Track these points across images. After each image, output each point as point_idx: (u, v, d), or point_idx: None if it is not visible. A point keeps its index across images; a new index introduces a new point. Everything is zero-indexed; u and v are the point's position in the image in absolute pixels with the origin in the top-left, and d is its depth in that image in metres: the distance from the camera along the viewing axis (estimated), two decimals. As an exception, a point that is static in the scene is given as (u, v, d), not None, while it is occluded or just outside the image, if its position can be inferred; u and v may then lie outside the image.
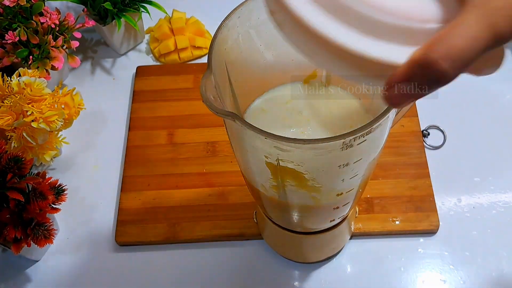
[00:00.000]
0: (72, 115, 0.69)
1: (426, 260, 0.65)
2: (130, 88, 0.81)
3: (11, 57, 0.72)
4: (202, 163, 0.72)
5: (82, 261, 0.67)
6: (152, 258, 0.67)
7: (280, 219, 0.56)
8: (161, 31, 0.83)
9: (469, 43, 0.23)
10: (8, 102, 0.65)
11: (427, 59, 0.23)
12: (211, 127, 0.75)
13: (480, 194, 0.69)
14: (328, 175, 0.40)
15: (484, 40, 0.23)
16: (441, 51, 0.23)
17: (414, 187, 0.68)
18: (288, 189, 0.43)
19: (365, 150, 0.38)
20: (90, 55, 0.86)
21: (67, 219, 0.70)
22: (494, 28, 0.23)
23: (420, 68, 0.24)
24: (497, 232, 0.66)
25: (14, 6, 0.70)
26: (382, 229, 0.66)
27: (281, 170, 0.39)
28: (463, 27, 0.23)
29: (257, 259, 0.66)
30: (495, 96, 0.77)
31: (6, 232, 0.57)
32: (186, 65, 0.83)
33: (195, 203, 0.69)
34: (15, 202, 0.58)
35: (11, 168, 0.58)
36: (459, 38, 0.23)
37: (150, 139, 0.75)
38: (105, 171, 0.74)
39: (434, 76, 0.24)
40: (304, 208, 0.49)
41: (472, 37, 0.23)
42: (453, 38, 0.23)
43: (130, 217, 0.69)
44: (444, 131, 0.74)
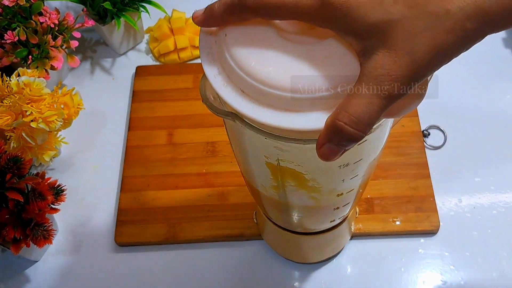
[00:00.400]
0: (71, 115, 0.69)
1: (427, 261, 0.65)
2: (129, 88, 0.81)
3: (11, 57, 0.72)
4: (201, 163, 0.72)
5: (81, 262, 0.67)
6: (151, 258, 0.67)
7: (280, 219, 0.56)
8: (160, 31, 0.83)
9: (365, 110, 0.27)
10: (7, 102, 0.65)
11: (335, 126, 0.28)
12: (210, 127, 0.75)
13: (480, 194, 0.69)
14: (328, 176, 0.40)
15: (377, 105, 0.27)
16: (344, 119, 0.27)
17: (414, 187, 0.68)
18: (288, 189, 0.43)
19: (366, 151, 0.38)
20: (90, 55, 0.86)
21: (67, 219, 0.69)
22: (382, 92, 0.27)
23: (334, 133, 0.28)
24: (497, 232, 0.66)
25: (13, 6, 0.70)
26: (383, 229, 0.66)
27: (281, 170, 0.39)
28: (357, 96, 0.27)
29: (257, 259, 0.66)
30: (496, 96, 0.77)
31: (5, 233, 0.57)
32: (186, 65, 0.83)
33: (195, 203, 0.69)
34: (14, 202, 0.57)
35: (10, 168, 0.58)
36: (356, 106, 0.27)
37: (149, 139, 0.75)
38: (104, 171, 0.74)
39: (346, 137, 0.28)
40: (304, 209, 0.49)
41: (366, 104, 0.27)
42: (352, 107, 0.27)
43: (129, 218, 0.69)
44: (445, 131, 0.74)
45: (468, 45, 0.27)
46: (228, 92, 0.31)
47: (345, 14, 0.27)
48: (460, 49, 0.27)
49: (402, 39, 0.26)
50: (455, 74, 0.79)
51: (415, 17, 0.26)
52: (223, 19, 0.32)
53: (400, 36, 0.26)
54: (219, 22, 0.33)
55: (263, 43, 0.31)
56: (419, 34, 0.26)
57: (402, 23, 0.26)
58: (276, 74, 0.30)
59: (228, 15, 0.31)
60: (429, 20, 0.26)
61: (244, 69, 0.31)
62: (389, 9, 0.27)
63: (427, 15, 0.26)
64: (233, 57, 0.31)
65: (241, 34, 0.32)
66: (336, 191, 0.43)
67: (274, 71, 0.30)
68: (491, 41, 0.82)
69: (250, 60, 0.31)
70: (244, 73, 0.31)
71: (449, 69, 0.86)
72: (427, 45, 0.26)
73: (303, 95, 0.29)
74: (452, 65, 0.88)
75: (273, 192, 0.45)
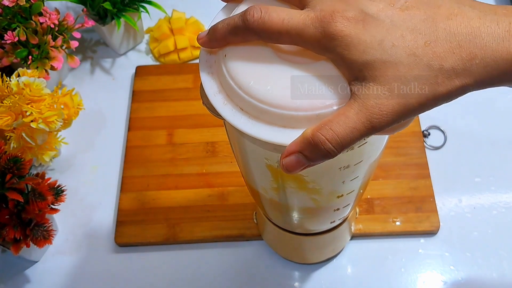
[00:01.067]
0: (71, 115, 0.69)
1: (427, 261, 0.65)
2: (129, 88, 0.81)
3: (11, 57, 0.72)
4: (201, 163, 0.72)
5: (81, 262, 0.67)
6: (151, 259, 0.67)
7: (281, 220, 0.56)
8: (160, 31, 0.83)
9: (348, 132, 0.28)
10: (7, 103, 0.65)
11: (315, 138, 0.29)
12: (210, 127, 0.75)
13: (481, 195, 0.69)
14: (328, 177, 0.40)
15: (361, 131, 0.29)
16: (327, 135, 0.29)
17: (414, 187, 0.68)
18: (288, 191, 0.43)
19: (366, 152, 0.38)
20: (90, 55, 0.86)
21: (66, 219, 0.69)
22: (370, 122, 0.28)
23: (310, 144, 0.29)
24: (498, 233, 0.66)
25: (13, 6, 0.70)
26: (383, 229, 0.66)
27: (281, 173, 0.39)
28: (345, 117, 0.29)
29: (257, 260, 0.66)
30: (496, 96, 0.77)
31: (5, 233, 0.57)
32: (186, 65, 0.83)
33: (195, 203, 0.69)
34: (14, 202, 0.58)
35: (10, 169, 0.58)
36: (341, 127, 0.28)
37: (149, 139, 0.75)
38: (104, 171, 0.74)
39: (320, 152, 0.29)
40: (304, 210, 0.48)
41: (351, 127, 0.28)
42: (337, 126, 0.29)
43: (129, 218, 0.69)
44: (445, 132, 0.74)
45: (455, 97, 0.29)
46: (228, 110, 0.32)
47: (344, 47, 0.29)
48: (446, 100, 0.29)
49: (396, 80, 0.28)
50: (455, 74, 0.79)
51: (412, 65, 0.28)
52: (226, 40, 0.33)
53: (395, 78, 0.28)
54: (223, 42, 0.33)
55: (261, 62, 0.32)
56: (414, 80, 0.28)
57: (398, 67, 0.28)
58: (274, 92, 0.31)
59: (231, 36, 0.32)
60: (424, 71, 0.28)
61: (242, 88, 0.32)
62: (387, 50, 0.28)
63: (423, 66, 0.28)
64: (232, 76, 0.32)
65: (240, 54, 0.33)
66: (336, 192, 0.43)
67: (272, 90, 0.31)
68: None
69: (248, 79, 0.32)
70: (243, 91, 0.32)
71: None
72: (420, 93, 0.28)
73: (300, 112, 0.30)
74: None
75: (274, 194, 0.45)
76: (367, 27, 0.28)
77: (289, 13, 0.30)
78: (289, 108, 0.30)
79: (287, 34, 0.30)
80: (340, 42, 0.28)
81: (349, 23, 0.28)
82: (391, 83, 0.28)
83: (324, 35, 0.29)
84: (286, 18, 0.30)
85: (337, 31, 0.28)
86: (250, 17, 0.30)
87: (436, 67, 0.28)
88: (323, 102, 0.30)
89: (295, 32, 0.30)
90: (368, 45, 0.28)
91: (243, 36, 0.32)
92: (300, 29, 0.29)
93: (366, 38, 0.28)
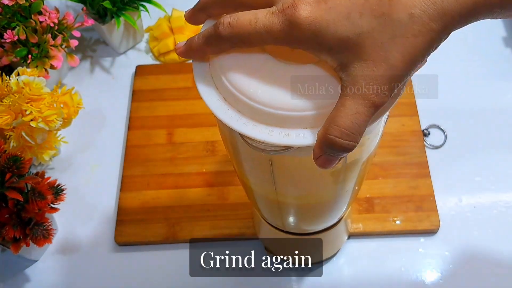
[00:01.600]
0: (71, 115, 0.69)
1: (427, 260, 0.65)
2: (129, 87, 0.81)
3: (10, 56, 0.72)
4: (201, 162, 0.72)
5: (81, 261, 0.67)
6: (151, 258, 0.67)
7: (276, 220, 0.56)
8: (160, 30, 0.83)
9: (353, 120, 0.28)
10: (7, 102, 0.65)
11: (326, 140, 0.29)
12: (210, 127, 0.75)
13: (481, 194, 0.69)
14: (322, 177, 0.40)
15: (364, 113, 0.28)
16: (335, 132, 0.28)
17: (414, 186, 0.68)
18: (283, 190, 0.43)
19: (358, 152, 0.38)
20: (89, 54, 0.86)
21: (66, 219, 0.69)
22: (369, 101, 0.28)
23: (326, 146, 0.29)
24: (498, 232, 0.66)
25: (13, 5, 0.70)
26: (383, 229, 0.66)
27: (275, 173, 0.39)
28: (344, 108, 0.28)
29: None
30: (496, 96, 0.77)
31: (5, 232, 0.57)
32: (186, 64, 0.82)
33: (195, 203, 0.69)
34: (14, 201, 0.57)
35: (10, 168, 0.58)
36: (345, 118, 0.28)
37: (149, 139, 0.75)
38: (104, 170, 0.74)
39: (338, 149, 0.29)
40: (299, 208, 0.48)
41: (353, 114, 0.28)
42: (340, 119, 0.28)
43: (129, 217, 0.69)
44: (445, 131, 0.74)
45: (437, 44, 0.28)
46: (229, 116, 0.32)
47: (314, 34, 0.28)
48: (430, 49, 0.28)
49: (374, 49, 0.27)
50: (455, 73, 0.79)
51: (383, 26, 0.27)
52: (203, 50, 0.33)
53: (372, 47, 0.27)
54: (200, 53, 0.34)
55: (257, 65, 0.32)
56: (390, 41, 0.27)
57: (371, 34, 0.27)
58: (272, 93, 0.31)
59: (206, 46, 0.33)
60: (396, 27, 0.27)
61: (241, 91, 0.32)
62: (357, 22, 0.27)
63: (394, 23, 0.27)
64: (229, 80, 0.32)
65: (235, 60, 0.33)
66: (331, 192, 0.43)
67: (270, 91, 0.31)
68: (491, 41, 0.82)
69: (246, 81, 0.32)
70: (241, 94, 0.32)
71: (449, 69, 0.86)
72: (400, 51, 0.27)
73: (299, 113, 0.31)
74: (452, 65, 0.88)
75: (268, 193, 0.45)
76: (329, 4, 0.28)
77: (255, 14, 0.30)
78: (289, 109, 0.31)
79: (257, 35, 0.30)
80: (308, 30, 0.28)
81: (311, 7, 0.28)
82: (371, 53, 0.27)
83: (291, 26, 0.28)
84: (253, 19, 0.30)
85: (301, 18, 0.28)
86: (221, 25, 0.31)
87: (406, 18, 0.27)
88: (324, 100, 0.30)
89: (264, 30, 0.29)
90: (336, 23, 0.28)
91: (217, 45, 0.32)
92: (268, 26, 0.29)
93: (332, 17, 0.28)
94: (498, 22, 0.84)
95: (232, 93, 0.32)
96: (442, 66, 0.79)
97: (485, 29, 0.83)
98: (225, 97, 0.33)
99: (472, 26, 0.30)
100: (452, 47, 0.81)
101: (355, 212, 0.67)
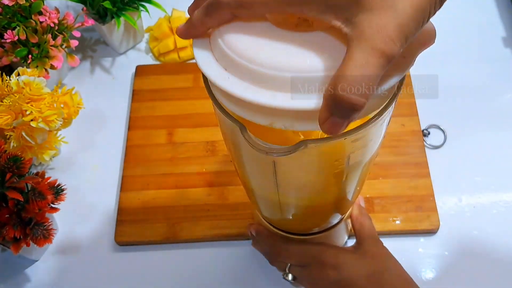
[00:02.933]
0: (71, 115, 0.69)
1: (427, 260, 0.65)
2: (129, 88, 0.81)
3: (10, 56, 0.72)
4: (201, 162, 0.72)
5: (81, 261, 0.67)
6: (151, 258, 0.67)
7: (277, 220, 0.56)
8: (160, 30, 0.83)
9: (363, 71, 0.26)
10: (7, 102, 0.65)
11: (335, 96, 0.26)
12: (210, 127, 0.75)
13: (480, 194, 0.69)
14: (325, 179, 0.40)
15: (375, 64, 0.26)
16: (343, 86, 0.26)
17: (414, 186, 0.68)
18: (285, 191, 0.43)
19: (361, 154, 0.38)
20: (90, 54, 0.86)
21: (67, 218, 0.69)
22: (378, 50, 0.26)
23: (334, 104, 0.27)
24: (498, 232, 0.66)
25: (13, 5, 0.70)
26: (382, 229, 0.66)
27: (278, 175, 0.39)
28: (353, 60, 0.26)
29: (257, 259, 0.66)
30: (496, 95, 0.77)
31: (5, 232, 0.57)
32: (186, 64, 0.83)
33: (195, 202, 0.69)
34: (14, 201, 0.57)
35: (10, 168, 0.58)
36: (354, 70, 0.26)
37: (149, 139, 0.75)
38: (104, 170, 0.74)
39: (348, 106, 0.26)
40: (301, 210, 0.48)
41: (363, 64, 0.26)
42: (349, 72, 0.26)
43: (129, 217, 0.69)
44: (445, 131, 0.74)
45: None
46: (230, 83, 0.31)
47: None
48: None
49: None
50: (455, 73, 0.79)
51: None
52: (204, 23, 0.32)
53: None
54: (201, 27, 0.33)
55: (259, 32, 0.31)
56: None
57: None
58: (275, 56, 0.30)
59: (207, 17, 0.32)
60: None
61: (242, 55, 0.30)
62: None
63: None
64: (229, 46, 0.31)
65: (236, 29, 0.32)
66: (333, 192, 0.44)
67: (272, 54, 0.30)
68: (491, 41, 0.82)
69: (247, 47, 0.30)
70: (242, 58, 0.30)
71: (449, 69, 0.86)
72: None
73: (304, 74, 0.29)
74: (452, 65, 0.88)
75: (270, 194, 0.45)
76: None
77: None
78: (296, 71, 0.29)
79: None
80: None
81: None
82: (377, 3, 0.26)
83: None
84: None
85: None
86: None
87: None
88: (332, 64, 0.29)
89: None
90: None
91: (217, 14, 0.31)
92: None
93: None
94: (498, 22, 0.84)
95: (233, 59, 0.30)
96: (442, 66, 0.79)
97: (485, 30, 0.83)
98: (225, 67, 0.31)
99: (472, 26, 0.31)
100: (452, 47, 0.82)
101: (355, 212, 0.67)
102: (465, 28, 0.83)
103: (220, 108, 0.34)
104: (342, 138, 0.33)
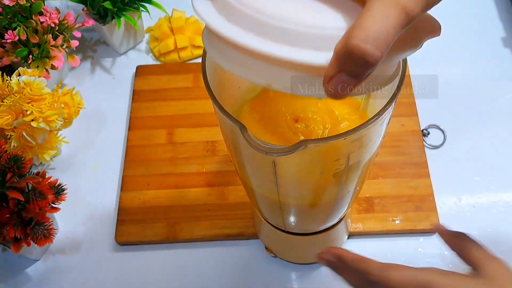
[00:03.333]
0: (71, 115, 0.69)
1: (426, 260, 0.65)
2: (129, 88, 0.81)
3: (11, 57, 0.72)
4: (201, 162, 0.72)
5: (81, 261, 0.67)
6: (151, 257, 0.67)
7: (277, 220, 0.56)
8: (161, 30, 0.83)
9: (383, 22, 0.25)
10: (7, 102, 0.65)
11: (349, 47, 0.25)
12: (210, 127, 0.75)
13: (480, 194, 0.69)
14: (325, 179, 0.40)
15: (394, 18, 0.25)
16: (359, 36, 0.24)
17: (414, 186, 0.68)
18: (285, 191, 0.43)
19: (361, 154, 0.38)
20: (90, 55, 0.86)
21: (67, 218, 0.70)
22: (399, 5, 0.25)
23: (346, 56, 0.25)
24: (497, 232, 0.66)
25: (13, 5, 0.70)
26: (382, 228, 0.66)
27: (278, 174, 0.39)
28: (372, 11, 0.25)
29: (257, 259, 0.66)
30: (495, 95, 0.77)
31: (5, 232, 0.57)
32: (186, 65, 0.83)
33: (195, 202, 0.69)
34: (15, 201, 0.58)
35: (11, 168, 0.58)
36: (372, 20, 0.25)
37: (149, 139, 0.75)
38: (105, 170, 0.74)
39: (361, 60, 0.25)
40: (301, 210, 0.49)
41: (383, 16, 0.25)
42: (367, 22, 0.25)
43: (130, 217, 0.69)
44: (444, 131, 0.74)
45: None
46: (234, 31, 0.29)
47: None
48: None
49: None
50: (455, 73, 0.79)
51: None
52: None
53: None
54: None
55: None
56: None
57: None
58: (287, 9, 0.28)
59: None
60: None
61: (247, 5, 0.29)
62: None
63: None
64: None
65: None
66: (333, 192, 0.44)
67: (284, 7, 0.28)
68: (491, 41, 0.82)
69: None
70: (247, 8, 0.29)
71: (449, 69, 0.86)
72: None
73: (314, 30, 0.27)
74: (452, 65, 0.88)
75: (270, 194, 0.45)
76: None
77: None
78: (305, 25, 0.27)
79: None
80: None
81: None
82: None
83: None
84: None
85: None
86: None
87: None
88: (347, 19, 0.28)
89: None
90: None
91: None
92: None
93: None
94: (497, 22, 0.84)
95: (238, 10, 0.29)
96: (442, 66, 0.80)
97: (484, 30, 0.83)
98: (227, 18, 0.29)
99: (471, 26, 0.31)
100: (452, 47, 0.82)
101: (355, 212, 0.67)
102: (465, 28, 0.83)
103: (220, 108, 0.34)
104: (342, 138, 0.33)
